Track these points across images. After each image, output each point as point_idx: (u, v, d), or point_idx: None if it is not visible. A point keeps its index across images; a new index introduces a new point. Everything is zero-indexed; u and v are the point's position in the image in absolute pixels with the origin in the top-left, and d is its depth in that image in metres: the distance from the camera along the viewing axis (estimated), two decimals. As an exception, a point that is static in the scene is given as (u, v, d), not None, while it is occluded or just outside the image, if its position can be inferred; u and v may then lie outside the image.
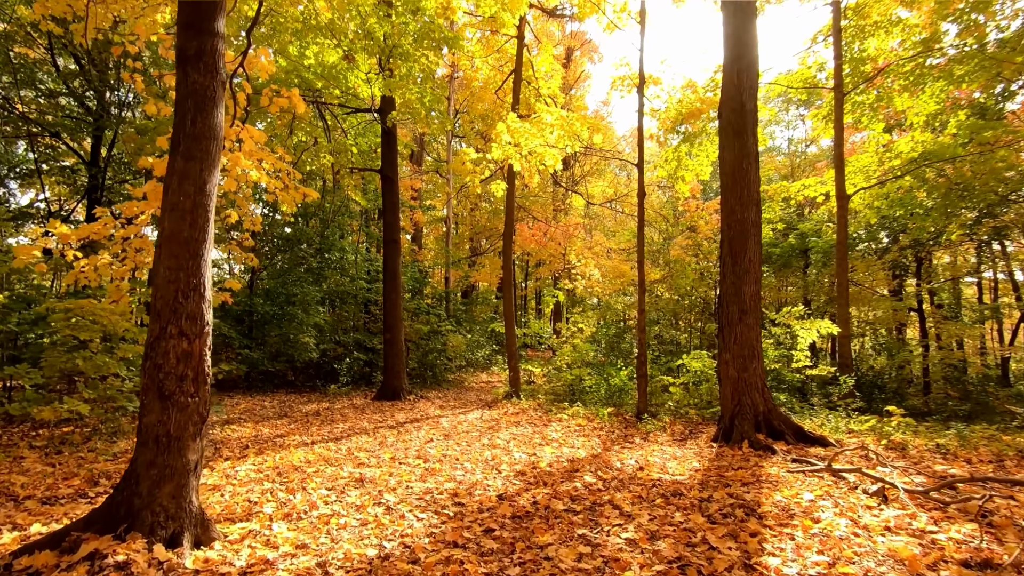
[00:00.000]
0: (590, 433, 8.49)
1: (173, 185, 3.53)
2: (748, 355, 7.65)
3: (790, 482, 5.21)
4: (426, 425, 8.98)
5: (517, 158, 9.94)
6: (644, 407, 9.53)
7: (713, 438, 7.75)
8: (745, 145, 7.94)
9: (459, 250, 24.57)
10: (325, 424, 8.85)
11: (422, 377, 15.35)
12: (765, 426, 7.46)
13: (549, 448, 7.22)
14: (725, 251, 8.03)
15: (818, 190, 13.00)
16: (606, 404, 10.51)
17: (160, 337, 3.39)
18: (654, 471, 5.84)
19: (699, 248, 16.61)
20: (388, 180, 12.26)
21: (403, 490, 4.95)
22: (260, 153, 6.64)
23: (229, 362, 12.82)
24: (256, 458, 6.07)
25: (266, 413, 9.88)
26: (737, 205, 7.92)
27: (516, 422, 9.35)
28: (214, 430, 7.77)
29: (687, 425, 9.04)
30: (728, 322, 7.84)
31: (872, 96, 12.42)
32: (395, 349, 12.06)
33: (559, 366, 12.73)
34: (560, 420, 9.46)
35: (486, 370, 20.55)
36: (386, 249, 12.36)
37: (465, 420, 9.58)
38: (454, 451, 6.94)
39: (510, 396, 12.00)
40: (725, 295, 7.94)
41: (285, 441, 7.25)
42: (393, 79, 10.88)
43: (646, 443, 7.81)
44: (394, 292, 12.26)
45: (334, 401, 11.63)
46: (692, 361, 10.37)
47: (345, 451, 6.73)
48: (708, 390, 10.11)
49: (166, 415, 3.33)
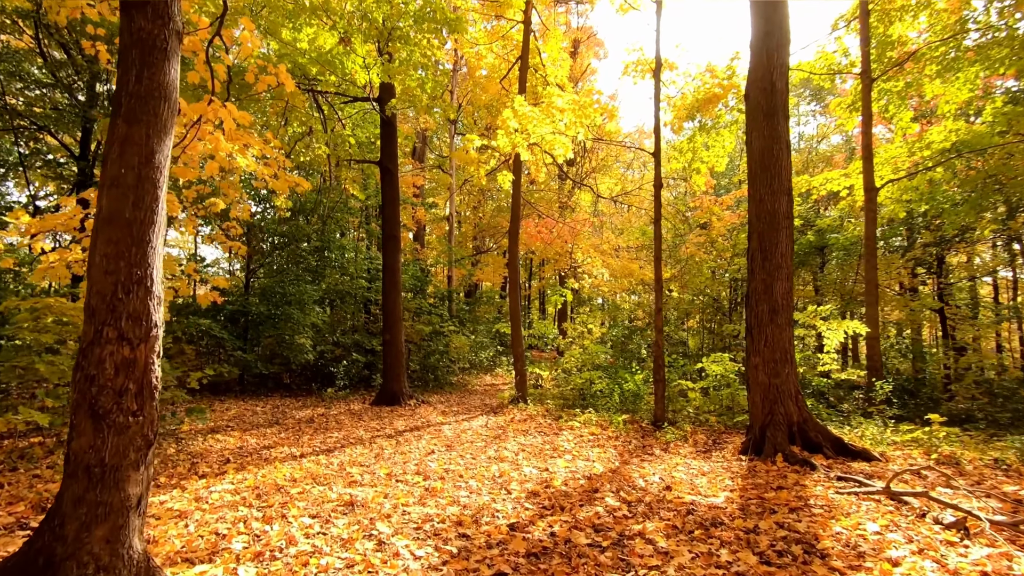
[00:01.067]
0: (605, 443, 7.81)
1: (113, 155, 2.87)
2: (780, 359, 6.97)
3: (843, 507, 4.53)
4: (427, 434, 8.31)
5: (524, 147, 9.28)
6: (662, 414, 8.85)
7: (741, 450, 7.07)
8: (775, 128, 7.26)
9: (462, 249, 23.92)
10: (318, 433, 8.19)
11: (424, 380, 14.69)
12: (800, 437, 6.78)
13: (562, 461, 6.55)
14: (754, 245, 7.34)
15: (842, 183, 12.29)
16: (620, 411, 9.83)
17: (94, 342, 2.73)
18: (684, 491, 5.16)
19: (712, 245, 15.92)
20: (388, 172, 11.61)
21: (399, 517, 4.28)
22: (246, 137, 6.00)
23: (221, 364, 12.19)
24: (236, 475, 5.41)
25: (256, 420, 9.23)
26: (767, 194, 7.23)
27: (524, 430, 8.68)
28: (195, 441, 7.12)
29: (709, 434, 8.36)
30: (757, 322, 7.16)
31: (901, 83, 11.71)
32: (395, 351, 11.40)
33: (568, 369, 12.06)
34: (571, 428, 8.79)
35: (490, 372, 19.89)
36: (385, 245, 11.70)
37: (469, 428, 8.92)
38: (457, 465, 6.28)
39: (516, 401, 11.33)
40: (754, 293, 7.26)
41: (271, 454, 6.59)
42: (392, 64, 10.22)
43: (667, 455, 7.14)
44: (394, 290, 11.61)
45: (330, 406, 10.98)
46: (712, 364, 9.68)
47: (336, 466, 6.06)
48: (729, 396, 9.43)
49: (100, 439, 2.67)
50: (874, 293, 10.53)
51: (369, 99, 11.68)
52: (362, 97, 11.89)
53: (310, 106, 11.80)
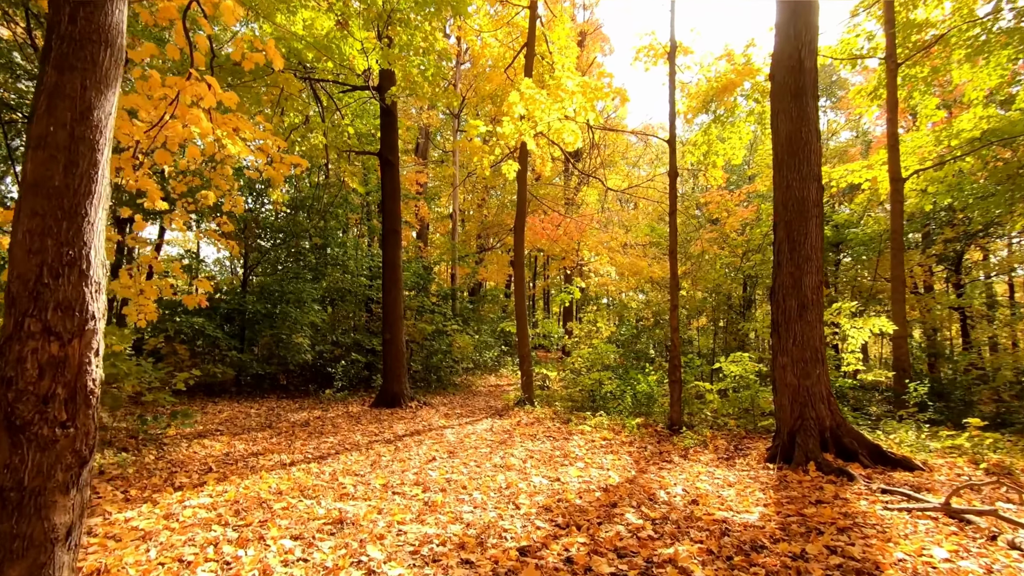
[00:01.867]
0: (618, 449, 7.28)
1: (40, 109, 2.36)
2: (811, 358, 6.42)
3: (898, 527, 3.98)
4: (428, 439, 7.80)
5: (531, 136, 8.75)
6: (678, 418, 8.31)
7: (768, 457, 6.52)
8: (804, 110, 6.71)
9: (466, 247, 23.42)
10: (312, 437, 7.68)
11: (426, 381, 14.19)
12: (833, 444, 6.23)
13: (574, 470, 6.02)
14: (781, 236, 6.80)
15: (863, 175, 11.71)
16: (633, 413, 9.30)
17: (13, 337, 2.23)
18: (712, 506, 4.62)
19: (725, 241, 15.36)
20: (388, 164, 11.10)
21: (393, 538, 3.76)
22: (235, 121, 5.49)
23: (215, 365, 11.72)
24: (216, 487, 4.91)
25: (248, 423, 8.74)
26: (795, 180, 6.69)
27: (532, 435, 8.15)
28: (179, 447, 6.62)
29: (730, 439, 7.81)
30: (785, 319, 6.61)
31: (926, 69, 11.13)
32: (395, 350, 10.90)
33: (577, 369, 11.52)
34: (582, 432, 8.26)
35: (494, 372, 19.36)
36: (386, 240, 11.19)
37: (473, 432, 8.40)
38: (460, 474, 5.76)
39: (523, 403, 10.80)
40: (781, 287, 6.71)
41: (259, 462, 6.08)
42: (392, 50, 9.72)
43: (686, 462, 6.60)
44: (394, 287, 11.10)
45: (327, 408, 10.48)
46: (730, 364, 9.13)
47: (328, 475, 5.55)
48: (749, 398, 8.88)
49: (18, 457, 2.17)
50: (901, 290, 9.96)
51: (368, 87, 11.18)
52: (361, 86, 11.39)
53: (308, 96, 11.31)
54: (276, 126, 10.23)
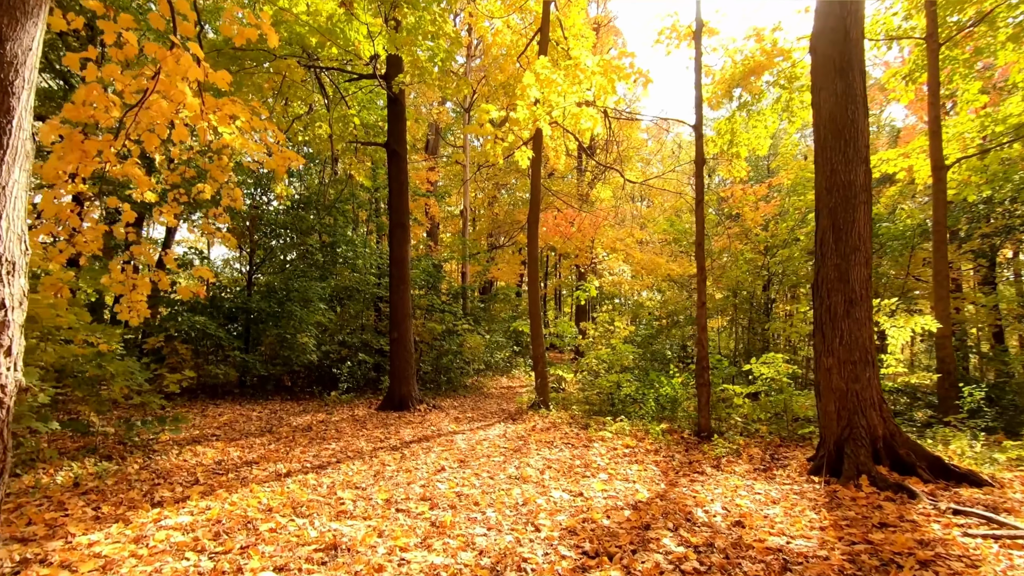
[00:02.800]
0: (643, 458, 6.69)
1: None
2: (860, 360, 5.78)
3: (988, 559, 3.36)
4: (437, 446, 7.26)
5: (546, 121, 8.18)
6: (706, 423, 7.70)
7: (811, 469, 5.90)
8: (850, 85, 6.08)
9: (476, 246, 22.90)
10: (313, 444, 7.17)
11: (435, 383, 13.67)
12: (887, 455, 5.59)
13: (597, 483, 5.45)
14: (824, 224, 6.17)
15: (899, 164, 11.00)
16: (656, 419, 8.69)
17: None
18: (761, 529, 4.03)
19: (747, 236, 14.68)
20: (395, 155, 10.59)
21: (394, 569, 3.22)
22: (231, 106, 5.00)
23: (218, 366, 11.29)
24: (199, 503, 4.39)
25: (247, 428, 8.26)
26: (840, 164, 6.06)
27: (548, 441, 7.58)
28: (169, 454, 6.14)
29: (763, 447, 7.19)
30: (830, 317, 5.98)
31: (967, 51, 10.40)
32: (403, 351, 10.38)
33: (595, 370, 10.93)
34: (603, 439, 7.67)
35: (506, 374, 18.81)
36: (392, 235, 10.68)
37: (486, 438, 7.85)
38: (472, 487, 5.21)
39: (537, 406, 10.23)
40: (825, 282, 6.09)
41: (252, 472, 5.58)
42: (399, 34, 9.21)
43: (720, 473, 6.00)
44: (402, 284, 10.58)
45: (332, 411, 9.98)
46: (761, 366, 8.49)
47: (326, 489, 5.02)
48: (783, 403, 8.23)
49: None
50: (945, 286, 9.25)
51: (375, 76, 10.68)
52: (367, 74, 10.90)
53: (312, 86, 10.84)
54: (278, 116, 9.75)
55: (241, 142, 5.37)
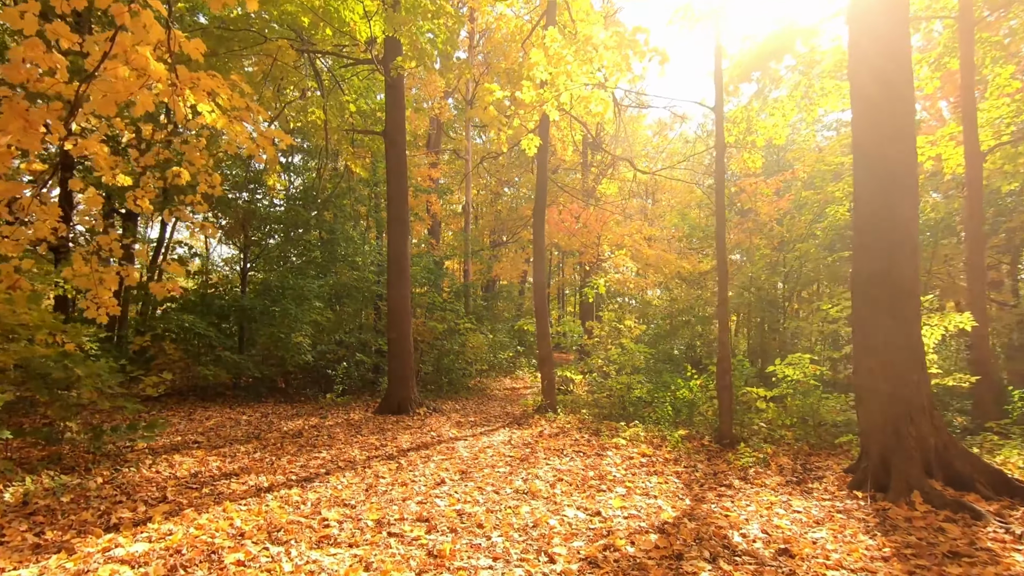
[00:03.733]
0: (663, 468, 6.10)
1: None
2: (907, 360, 5.19)
3: (1103, 603, 2.77)
4: (437, 454, 6.68)
5: (554, 104, 7.60)
6: (728, 430, 7.11)
7: (852, 483, 5.30)
8: (894, 49, 5.47)
9: (479, 243, 22.33)
10: (302, 452, 6.60)
11: (437, 384, 13.09)
12: (940, 468, 4.99)
13: (615, 499, 4.86)
14: (864, 211, 5.58)
15: (927, 152, 10.37)
16: (673, 424, 8.10)
17: None
18: (812, 559, 3.44)
19: (761, 231, 14.09)
20: (393, 144, 10.02)
21: (381, 617, 2.64)
22: (210, 81, 4.43)
23: (207, 366, 10.72)
24: (161, 525, 3.83)
25: (234, 433, 7.70)
26: (882, 144, 5.46)
27: (558, 449, 7.00)
28: (141, 464, 5.57)
29: (792, 456, 6.60)
30: (872, 313, 5.39)
31: (998, 35, 9.80)
32: (402, 351, 9.80)
33: (605, 372, 10.34)
34: (616, 447, 7.08)
35: (510, 374, 18.23)
36: (391, 229, 10.11)
37: (489, 445, 7.26)
38: (475, 504, 4.63)
39: (544, 410, 9.65)
40: (864, 273, 5.49)
41: (230, 486, 5.00)
42: (397, 14, 8.64)
43: (749, 487, 5.42)
44: (401, 281, 10.00)
45: (326, 415, 9.42)
46: (785, 367, 7.90)
47: (310, 507, 4.45)
48: (809, 407, 7.62)
49: None
50: (981, 281, 8.64)
51: (372, 60, 10.11)
52: (364, 59, 10.33)
53: (306, 71, 10.27)
54: (268, 101, 9.18)
55: (223, 122, 4.82)
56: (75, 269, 5.13)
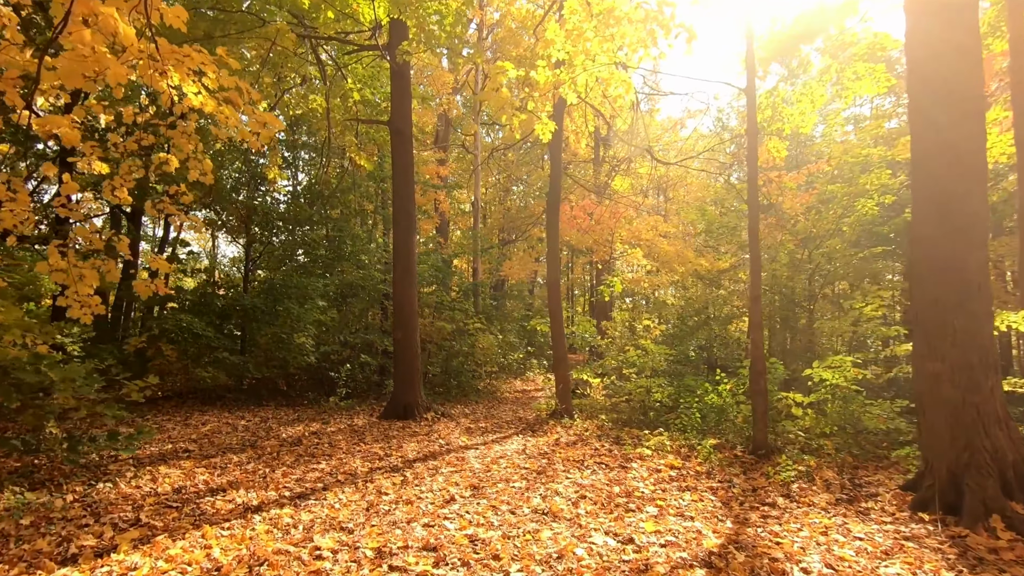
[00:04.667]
0: (696, 483, 5.51)
1: None
2: (979, 364, 4.57)
3: None
4: (446, 465, 6.13)
5: (571, 86, 7.04)
6: (763, 439, 6.50)
7: (914, 503, 4.68)
8: (959, 16, 4.85)
9: (488, 241, 21.79)
10: (300, 463, 6.08)
11: (445, 387, 12.55)
12: (1020, 487, 4.37)
13: (647, 521, 4.28)
14: (922, 196, 4.96)
15: (968, 140, 9.66)
16: (701, 432, 7.49)
17: None
18: (899, 607, 2.85)
19: (784, 227, 13.42)
20: (399, 135, 9.50)
21: None
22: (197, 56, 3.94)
23: (205, 368, 10.26)
24: (128, 556, 3.30)
25: (229, 440, 7.19)
26: (944, 117, 4.84)
27: (577, 460, 6.42)
28: (121, 478, 5.06)
29: (837, 469, 5.97)
30: (936, 310, 4.76)
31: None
32: (408, 353, 9.26)
33: (626, 375, 9.75)
34: (641, 457, 6.49)
35: (520, 376, 17.67)
36: (397, 223, 9.58)
37: (503, 455, 6.70)
38: (489, 528, 4.07)
39: (559, 415, 9.08)
40: (926, 266, 4.87)
41: (215, 504, 4.48)
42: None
43: (795, 506, 4.81)
44: (407, 279, 9.47)
45: (329, 420, 8.90)
46: (823, 371, 7.27)
47: (302, 531, 3.91)
48: (850, 414, 6.99)
49: None
50: (1035, 276, 7.95)
51: (376, 46, 9.59)
52: (368, 45, 9.82)
53: (307, 55, 9.77)
54: (266, 87, 8.68)
55: (211, 105, 4.32)
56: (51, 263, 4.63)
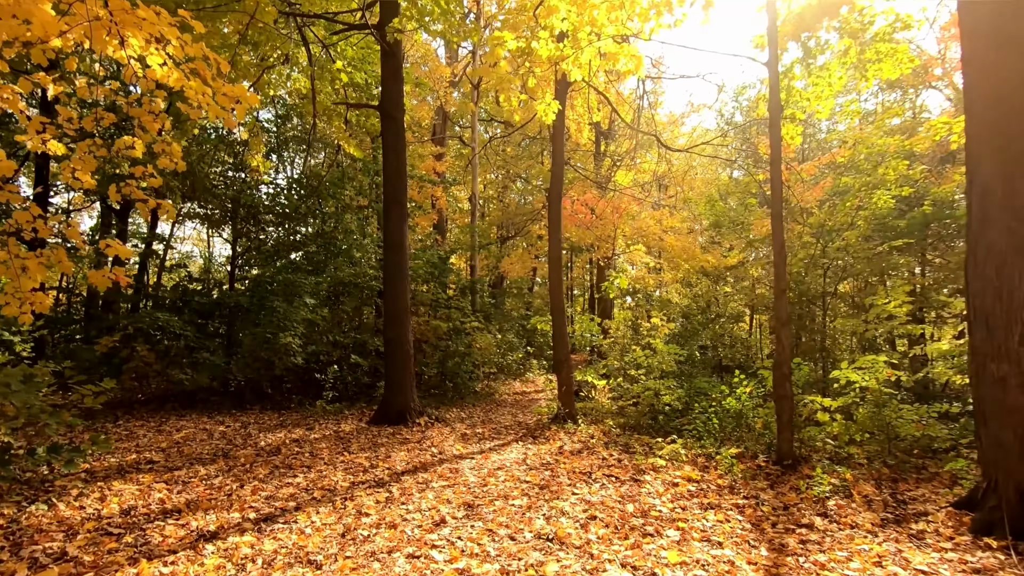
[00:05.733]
0: (719, 499, 4.88)
1: None
2: (1055, 366, 3.94)
3: None
4: (437, 478, 5.49)
5: (576, 61, 6.43)
6: (789, 448, 5.88)
7: (975, 526, 4.06)
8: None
9: (487, 237, 21.16)
10: (274, 476, 5.44)
11: (440, 389, 11.91)
12: (1105, 510, 3.75)
13: (670, 551, 3.66)
14: (987, 172, 4.33)
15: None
16: (716, 438, 6.86)
17: None
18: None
19: (796, 220, 12.81)
20: (390, 119, 8.86)
21: None
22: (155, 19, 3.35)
23: (182, 370, 9.61)
24: (34, 606, 2.66)
25: (200, 450, 6.55)
26: (1011, 87, 4.21)
27: (584, 472, 5.78)
28: (65, 496, 4.41)
29: (875, 482, 5.35)
30: (1003, 303, 4.14)
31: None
32: (400, 353, 8.62)
33: (633, 376, 9.12)
34: (654, 469, 5.86)
35: (519, 377, 17.02)
36: (387, 214, 8.93)
37: (501, 466, 6.07)
38: (485, 558, 3.44)
39: (562, 420, 8.44)
40: (988, 253, 4.25)
41: (164, 530, 3.84)
42: (393, -36, 7.49)
43: (835, 527, 4.19)
44: (399, 274, 8.83)
45: (314, 426, 8.26)
46: (851, 372, 6.64)
47: (260, 566, 3.27)
48: (881, 420, 6.36)
49: None
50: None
51: (366, 26, 8.95)
52: (357, 24, 9.18)
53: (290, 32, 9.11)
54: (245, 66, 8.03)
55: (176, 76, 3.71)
56: (-16, 252, 4.00)
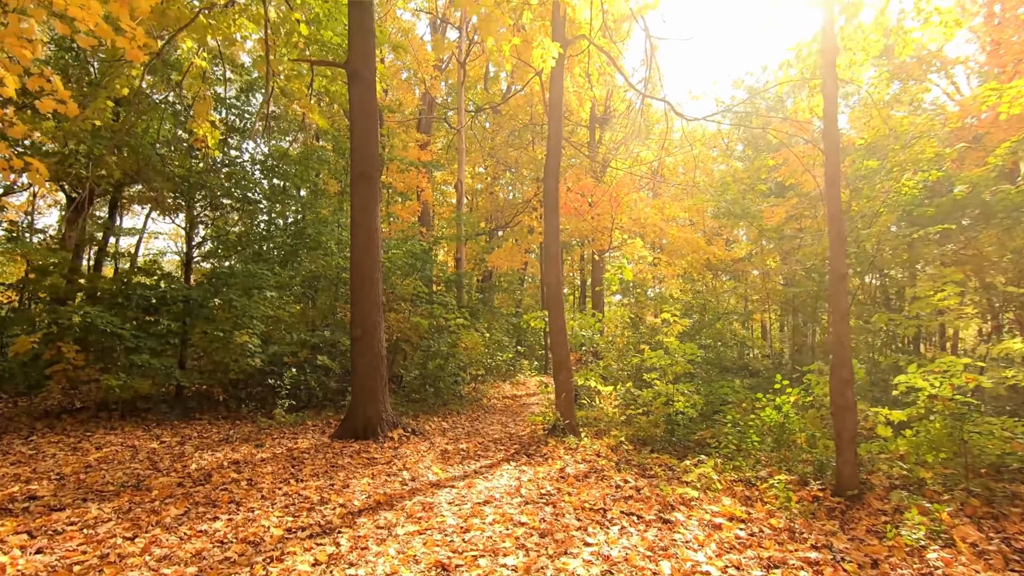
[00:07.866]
0: (784, 553, 3.62)
1: None
2: None
3: None
4: (405, 519, 4.17)
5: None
6: (854, 474, 4.64)
7: None
8: None
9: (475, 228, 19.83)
10: (187, 519, 4.09)
11: (421, 394, 10.58)
12: None
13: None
14: None
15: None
16: (756, 458, 5.61)
17: None
18: None
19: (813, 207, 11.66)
20: (358, 79, 7.50)
21: None
22: None
23: (115, 375, 8.18)
24: None
25: (108, 477, 5.18)
26: None
27: (595, 508, 4.50)
28: None
29: (973, 523, 4.12)
30: None
31: None
32: (368, 354, 7.27)
33: (647, 380, 7.86)
34: (685, 502, 4.59)
35: (510, 379, 15.73)
36: (355, 190, 7.57)
37: (488, 500, 4.75)
38: None
39: (561, 432, 7.17)
40: None
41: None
42: None
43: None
44: (367, 260, 7.48)
45: (264, 441, 6.89)
46: (916, 378, 5.43)
47: None
48: (959, 438, 5.15)
49: None
50: None
51: (331, -31, 7.59)
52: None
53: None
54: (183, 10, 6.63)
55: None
56: None
